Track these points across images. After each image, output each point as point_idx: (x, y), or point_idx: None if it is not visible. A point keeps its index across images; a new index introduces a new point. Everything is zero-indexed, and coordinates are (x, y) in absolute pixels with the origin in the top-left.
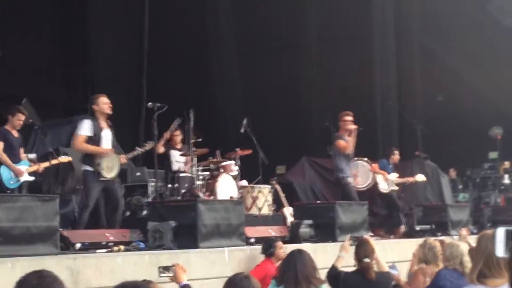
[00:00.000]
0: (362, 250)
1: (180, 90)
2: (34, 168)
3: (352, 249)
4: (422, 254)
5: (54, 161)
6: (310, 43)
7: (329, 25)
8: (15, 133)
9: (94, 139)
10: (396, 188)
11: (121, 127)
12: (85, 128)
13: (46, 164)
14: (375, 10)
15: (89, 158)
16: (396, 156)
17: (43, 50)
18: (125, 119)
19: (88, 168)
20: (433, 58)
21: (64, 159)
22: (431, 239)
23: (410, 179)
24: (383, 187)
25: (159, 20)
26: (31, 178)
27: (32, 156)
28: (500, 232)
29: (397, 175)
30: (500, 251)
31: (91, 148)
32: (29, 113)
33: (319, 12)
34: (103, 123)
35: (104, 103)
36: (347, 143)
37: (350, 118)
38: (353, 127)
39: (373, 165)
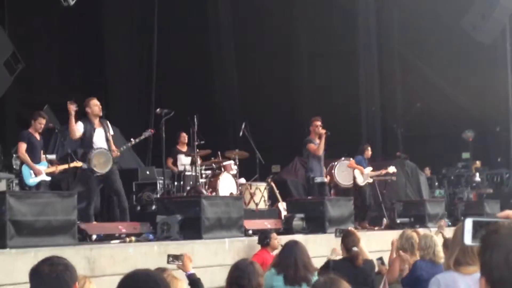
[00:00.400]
0: (350, 240)
1: (185, 98)
2: (52, 169)
3: (338, 240)
4: (399, 244)
5: (66, 166)
6: (301, 53)
7: (318, 37)
8: (37, 136)
9: (86, 137)
10: (371, 180)
11: (132, 130)
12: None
13: (62, 167)
14: (359, 25)
15: (84, 156)
16: (369, 152)
17: (63, 62)
18: (136, 122)
19: (84, 165)
20: (412, 68)
21: (76, 164)
22: (409, 231)
23: (383, 171)
24: (359, 180)
25: (166, 32)
26: (48, 178)
27: (52, 157)
28: (468, 222)
29: (371, 168)
30: (467, 239)
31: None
32: (50, 118)
33: (306, 24)
34: (96, 123)
35: (95, 105)
36: (317, 146)
37: (319, 123)
38: (322, 131)
39: (351, 160)
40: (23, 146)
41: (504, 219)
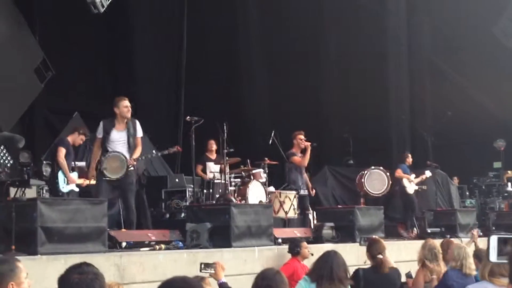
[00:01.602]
0: (375, 248)
1: (215, 106)
2: (81, 181)
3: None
4: (422, 255)
5: (92, 182)
6: (329, 63)
7: (347, 45)
8: (72, 148)
9: (104, 139)
10: (417, 188)
11: (162, 138)
12: (98, 131)
13: (90, 182)
14: (389, 32)
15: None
16: (410, 159)
17: (93, 69)
18: (166, 130)
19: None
20: (443, 76)
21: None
22: (431, 240)
23: (423, 177)
24: (409, 189)
25: (195, 39)
26: (77, 189)
27: (82, 164)
28: (493, 240)
29: (414, 175)
30: (493, 256)
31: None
32: (79, 125)
33: (336, 32)
34: (121, 125)
35: (124, 106)
36: (300, 158)
37: (303, 137)
38: (307, 143)
39: (397, 170)
40: (63, 152)
41: None
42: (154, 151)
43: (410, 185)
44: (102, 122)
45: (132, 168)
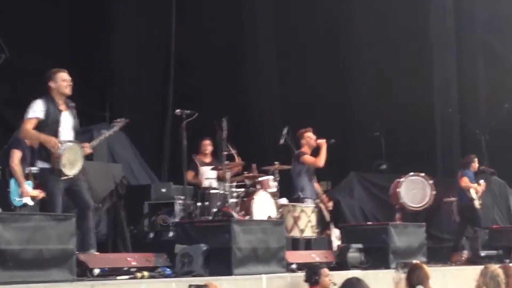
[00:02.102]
0: (415, 276)
1: (212, 97)
2: (35, 193)
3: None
4: (482, 283)
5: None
6: (359, 46)
7: (381, 25)
8: (30, 150)
9: (49, 124)
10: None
11: (143, 136)
12: (35, 110)
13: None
14: (433, 8)
15: (45, 152)
16: (476, 164)
17: (58, 49)
18: (148, 127)
19: (45, 165)
20: (499, 61)
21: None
22: (493, 266)
23: (479, 188)
24: (477, 203)
25: (188, 18)
26: (32, 203)
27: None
28: None
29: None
30: None
31: (36, 135)
32: None
33: (368, 12)
34: (62, 105)
35: (63, 80)
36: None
37: (311, 134)
38: (320, 141)
39: (463, 178)
40: (18, 156)
41: None
42: (105, 131)
43: (477, 197)
44: (40, 101)
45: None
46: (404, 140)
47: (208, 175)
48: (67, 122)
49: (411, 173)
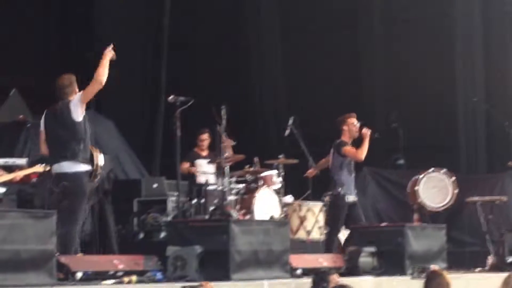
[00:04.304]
0: (435, 284)
1: (209, 82)
2: (8, 177)
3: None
4: None
5: (27, 171)
6: (372, 24)
7: (396, 2)
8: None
9: (84, 126)
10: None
11: (132, 125)
12: None
13: (23, 172)
14: None
15: (85, 154)
16: None
17: (36, 30)
18: (139, 116)
19: (86, 168)
20: None
21: (39, 168)
22: None
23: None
24: None
25: None
26: (2, 190)
27: (22, 161)
28: None
29: None
30: None
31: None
32: (19, 107)
33: None
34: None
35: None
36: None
37: (355, 121)
38: (365, 131)
39: None
40: None
41: None
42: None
43: None
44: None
45: None
46: (424, 133)
47: (205, 169)
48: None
49: (431, 169)
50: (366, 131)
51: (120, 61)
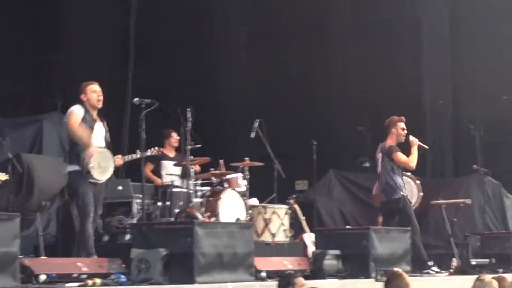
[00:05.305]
0: (394, 286)
1: (175, 84)
2: None
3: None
4: None
5: None
6: (339, 27)
7: (364, 4)
8: None
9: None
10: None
11: None
12: (77, 112)
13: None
14: None
15: (76, 155)
16: None
17: (2, 32)
18: (104, 118)
19: (76, 167)
20: (501, 45)
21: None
22: (487, 277)
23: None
24: None
25: None
26: None
27: None
28: None
29: None
30: None
31: (84, 134)
32: None
33: None
34: (95, 116)
35: (92, 92)
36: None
37: (404, 126)
38: (413, 140)
39: None
40: None
41: None
42: (138, 151)
43: None
44: (79, 107)
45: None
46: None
47: (170, 171)
48: (100, 133)
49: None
50: (414, 140)
51: (86, 62)
